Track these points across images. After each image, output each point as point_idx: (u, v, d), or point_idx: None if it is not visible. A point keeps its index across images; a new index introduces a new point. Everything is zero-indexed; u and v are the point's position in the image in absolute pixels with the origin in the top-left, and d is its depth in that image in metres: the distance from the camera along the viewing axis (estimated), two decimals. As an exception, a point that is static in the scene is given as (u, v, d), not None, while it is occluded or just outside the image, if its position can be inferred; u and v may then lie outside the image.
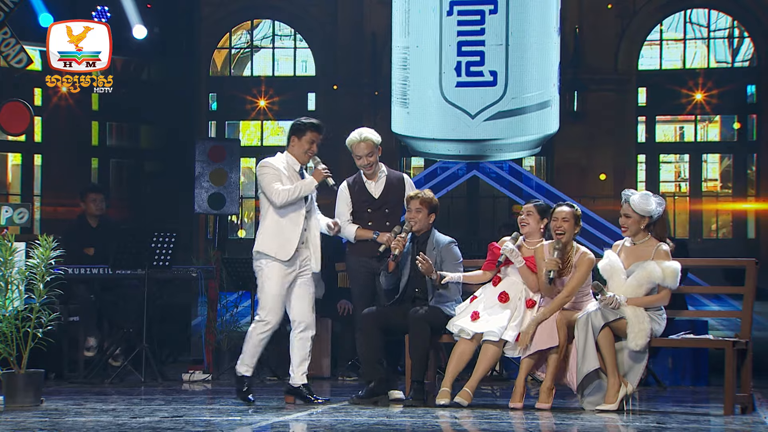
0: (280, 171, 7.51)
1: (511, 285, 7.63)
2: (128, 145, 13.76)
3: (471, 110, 12.86)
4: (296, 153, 7.56)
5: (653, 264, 7.30)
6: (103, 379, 9.55)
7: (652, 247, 7.38)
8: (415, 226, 7.73)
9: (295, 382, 7.64)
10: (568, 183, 13.06)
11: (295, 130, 7.59)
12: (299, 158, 7.57)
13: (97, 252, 10.25)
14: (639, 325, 7.25)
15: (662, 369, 9.74)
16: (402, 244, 7.67)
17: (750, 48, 13.18)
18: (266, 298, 7.50)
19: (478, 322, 7.54)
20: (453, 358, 7.57)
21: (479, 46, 12.94)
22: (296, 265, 7.54)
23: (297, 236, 7.50)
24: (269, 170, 7.50)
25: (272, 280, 7.47)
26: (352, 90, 13.32)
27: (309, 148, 7.56)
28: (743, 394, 7.38)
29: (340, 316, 10.38)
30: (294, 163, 7.58)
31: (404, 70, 12.80)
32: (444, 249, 7.78)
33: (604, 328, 7.25)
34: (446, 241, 7.83)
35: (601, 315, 7.27)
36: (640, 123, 13.42)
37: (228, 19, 13.71)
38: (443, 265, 7.74)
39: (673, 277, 7.28)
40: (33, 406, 7.39)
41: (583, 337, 7.26)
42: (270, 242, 7.50)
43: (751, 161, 13.10)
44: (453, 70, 12.95)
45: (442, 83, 12.86)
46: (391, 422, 6.63)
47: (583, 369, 7.25)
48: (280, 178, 7.48)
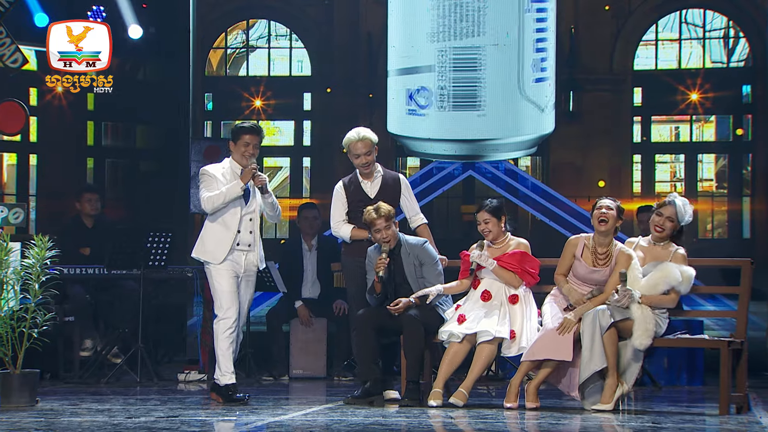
0: (216, 177, 7.70)
1: (492, 284, 7.66)
2: (124, 145, 13.75)
3: (541, 104, 12.96)
4: (236, 157, 7.77)
5: (673, 267, 7.32)
6: (98, 379, 9.54)
7: (669, 249, 7.41)
8: (391, 243, 7.74)
9: (221, 381, 7.74)
10: (563, 183, 13.07)
11: (232, 135, 7.84)
12: (239, 162, 7.77)
13: (92, 252, 10.25)
14: (645, 324, 7.25)
15: (658, 369, 9.74)
16: (384, 266, 7.68)
17: (745, 48, 13.20)
18: (221, 296, 7.65)
19: (465, 323, 7.56)
20: (445, 360, 7.58)
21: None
22: (241, 267, 7.69)
23: (230, 240, 7.66)
24: (204, 177, 7.76)
25: (223, 278, 7.65)
26: (348, 90, 13.33)
27: (245, 151, 7.73)
28: (739, 394, 7.38)
29: (335, 317, 10.38)
30: (236, 168, 7.77)
31: (475, 72, 12.85)
32: (420, 252, 7.80)
33: (611, 328, 7.25)
34: (419, 243, 7.84)
35: (609, 314, 7.26)
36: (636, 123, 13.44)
37: (224, 19, 13.71)
38: (423, 268, 7.76)
39: (688, 282, 7.36)
40: (28, 406, 7.38)
41: (590, 335, 7.23)
42: (200, 247, 7.72)
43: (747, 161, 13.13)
44: (530, 67, 13.00)
45: (522, 79, 12.91)
46: (386, 422, 6.63)
47: (591, 367, 7.23)
48: (214, 185, 7.67)
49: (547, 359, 7.34)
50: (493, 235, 7.70)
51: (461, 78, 12.82)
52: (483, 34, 12.82)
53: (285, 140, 13.53)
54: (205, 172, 7.79)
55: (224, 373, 7.63)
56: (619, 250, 7.46)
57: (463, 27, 12.81)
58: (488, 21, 12.81)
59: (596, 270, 7.48)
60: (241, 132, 7.78)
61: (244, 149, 7.73)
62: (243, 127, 7.84)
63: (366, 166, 7.97)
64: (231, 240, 7.66)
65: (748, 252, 11.90)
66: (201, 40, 13.42)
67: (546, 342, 7.33)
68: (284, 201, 13.06)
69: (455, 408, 7.38)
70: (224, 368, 7.63)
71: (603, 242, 7.51)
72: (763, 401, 8.24)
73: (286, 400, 8.22)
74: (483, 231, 7.71)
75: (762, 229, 12.56)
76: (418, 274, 7.76)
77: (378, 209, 7.72)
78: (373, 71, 13.20)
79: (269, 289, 10.38)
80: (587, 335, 7.24)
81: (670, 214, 7.42)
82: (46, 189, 12.98)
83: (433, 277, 7.77)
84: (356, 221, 7.99)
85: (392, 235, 7.74)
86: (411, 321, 7.60)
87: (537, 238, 11.43)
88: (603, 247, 7.50)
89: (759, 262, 9.82)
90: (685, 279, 7.34)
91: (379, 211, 7.71)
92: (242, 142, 7.74)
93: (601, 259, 7.50)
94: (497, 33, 12.82)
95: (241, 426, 6.54)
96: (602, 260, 7.50)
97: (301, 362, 10.30)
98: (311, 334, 10.35)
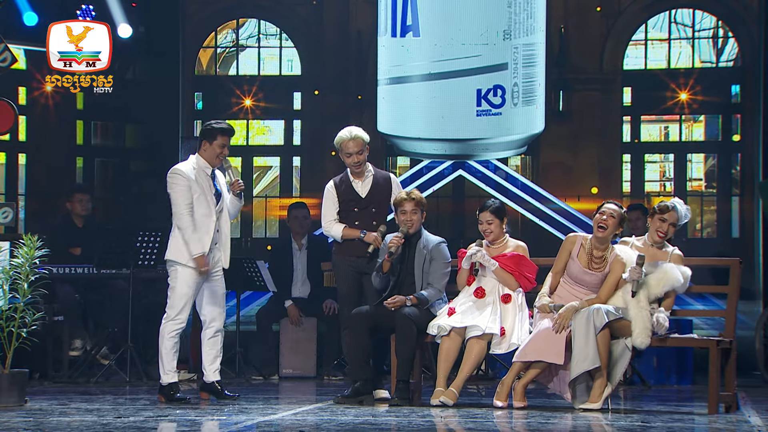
0: (190, 179, 7.64)
1: (486, 281, 7.68)
2: (113, 145, 13.71)
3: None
4: (207, 157, 7.72)
5: (674, 268, 7.36)
6: (88, 378, 9.53)
7: (666, 250, 7.45)
8: (411, 228, 7.77)
9: (209, 379, 7.85)
10: (553, 182, 13.07)
11: (206, 135, 7.75)
12: (211, 162, 7.74)
13: (82, 251, 10.23)
14: (644, 323, 7.28)
15: (647, 368, 9.76)
16: (397, 244, 7.70)
17: (734, 48, 13.21)
18: (179, 298, 7.67)
19: (454, 316, 7.58)
20: (440, 357, 7.60)
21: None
22: (208, 266, 7.68)
23: (208, 242, 7.66)
24: (180, 181, 7.66)
25: (184, 282, 7.66)
26: (338, 89, 13.31)
27: (221, 152, 7.71)
28: (727, 393, 7.40)
29: (325, 316, 10.38)
30: (205, 167, 7.73)
31: (532, 68, 12.88)
32: (434, 249, 7.82)
33: (605, 328, 7.27)
34: (436, 241, 7.87)
35: (603, 314, 7.28)
36: (626, 123, 13.45)
37: (213, 18, 13.67)
38: (432, 264, 7.78)
39: (686, 283, 7.41)
40: (17, 406, 7.36)
41: (584, 334, 7.24)
42: (183, 249, 7.67)
43: (736, 161, 13.15)
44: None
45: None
46: (376, 422, 6.63)
47: (584, 365, 7.23)
48: (190, 189, 7.62)
49: (538, 360, 7.35)
50: (494, 235, 7.72)
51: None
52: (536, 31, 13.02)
53: (275, 140, 13.51)
54: (180, 174, 7.68)
55: (167, 372, 7.69)
56: (615, 257, 7.48)
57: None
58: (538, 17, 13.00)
59: (589, 272, 7.49)
60: (217, 133, 7.72)
61: (220, 151, 7.70)
62: (219, 128, 7.76)
63: (357, 165, 7.97)
64: (209, 243, 7.65)
65: (736, 251, 11.92)
66: (191, 39, 13.39)
67: (538, 343, 7.34)
68: (274, 200, 13.05)
69: (445, 407, 7.38)
70: (167, 368, 7.68)
71: (600, 246, 7.53)
72: (751, 400, 8.26)
73: (275, 400, 8.22)
74: (485, 231, 7.73)
75: (751, 229, 12.58)
76: (426, 269, 7.78)
77: (410, 193, 7.82)
78: (363, 70, 13.19)
79: (259, 288, 10.37)
80: (581, 334, 7.24)
81: (674, 220, 7.49)
82: (35, 188, 12.94)
83: (437, 276, 7.77)
84: (347, 221, 7.99)
85: (416, 222, 7.77)
86: (404, 320, 7.60)
87: (527, 237, 11.43)
88: (599, 251, 7.52)
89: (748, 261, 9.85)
90: (684, 280, 7.40)
91: (411, 195, 7.81)
92: (218, 144, 7.70)
93: (596, 262, 7.51)
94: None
95: (231, 426, 6.54)
96: (597, 264, 7.51)
97: (291, 362, 10.30)
98: (301, 333, 10.34)
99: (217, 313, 7.80)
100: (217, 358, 7.84)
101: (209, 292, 7.79)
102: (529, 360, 7.36)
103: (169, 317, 7.70)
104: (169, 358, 7.68)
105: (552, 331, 7.30)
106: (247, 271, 10.11)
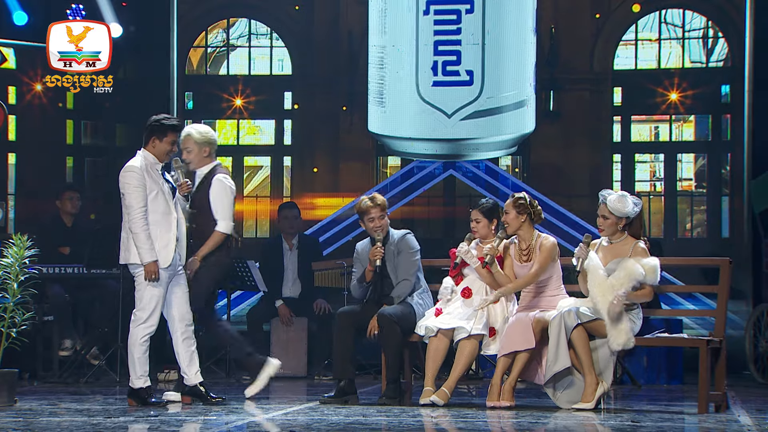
0: (144, 177, 7.50)
1: (473, 281, 7.71)
2: (104, 144, 13.69)
3: (447, 110, 12.92)
4: (157, 153, 7.56)
5: (633, 262, 7.33)
6: (77, 378, 9.51)
7: (629, 245, 7.42)
8: (383, 232, 7.85)
9: (191, 382, 7.63)
10: (544, 182, 13.07)
11: (155, 131, 7.56)
12: (160, 158, 7.59)
13: (71, 251, 10.20)
14: (618, 324, 7.27)
15: (637, 368, 9.78)
16: (381, 255, 7.78)
17: (724, 48, 13.24)
18: (151, 301, 7.46)
19: (440, 317, 7.62)
20: (428, 357, 7.62)
21: (455, 46, 13.03)
22: (172, 266, 7.53)
23: (173, 242, 7.51)
24: (135, 181, 7.52)
25: (158, 285, 7.44)
26: (328, 89, 13.31)
27: (170, 149, 7.59)
28: (717, 393, 7.42)
29: (316, 316, 10.37)
30: (155, 163, 7.58)
31: (381, 69, 12.85)
32: (399, 241, 7.94)
33: (577, 327, 7.28)
34: (401, 233, 8.00)
35: (574, 314, 7.29)
36: (616, 122, 13.47)
37: (204, 17, 13.66)
38: (400, 256, 7.85)
39: (654, 273, 7.34)
40: (7, 406, 7.34)
41: (555, 335, 7.28)
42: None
43: (726, 161, 13.17)
44: (429, 69, 13.00)
45: (419, 82, 12.91)
46: (367, 421, 6.63)
47: (554, 368, 7.29)
48: (145, 190, 7.49)
49: (516, 353, 7.37)
50: (480, 235, 7.79)
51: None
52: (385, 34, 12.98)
53: (266, 139, 13.50)
54: (136, 172, 7.51)
55: (139, 376, 7.48)
56: (540, 243, 7.59)
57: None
58: (389, 21, 12.96)
59: (520, 265, 7.67)
60: (167, 129, 7.54)
61: (170, 148, 7.56)
62: (170, 124, 7.58)
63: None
64: (174, 243, 7.51)
65: (726, 251, 11.94)
66: (181, 38, 13.37)
67: (510, 335, 7.40)
68: (265, 200, 13.03)
69: (436, 407, 7.39)
70: (140, 372, 7.48)
71: (525, 238, 7.63)
72: (741, 400, 8.28)
73: (266, 400, 8.21)
74: (472, 229, 7.80)
75: (741, 229, 12.61)
76: (396, 263, 7.85)
77: (373, 198, 7.88)
78: (354, 69, 13.18)
79: (249, 288, 10.36)
80: (553, 336, 7.29)
81: (603, 212, 7.46)
82: (25, 188, 12.91)
83: (406, 266, 7.83)
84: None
85: (385, 225, 7.86)
86: (384, 320, 7.68)
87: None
88: (525, 243, 7.65)
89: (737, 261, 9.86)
90: (649, 271, 7.32)
91: (375, 200, 7.87)
92: (168, 140, 7.54)
93: (524, 254, 7.66)
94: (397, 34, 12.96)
95: (221, 426, 6.53)
96: (525, 255, 7.67)
97: (282, 361, 10.28)
98: (292, 333, 10.34)
99: (186, 312, 7.59)
100: (195, 359, 7.62)
101: (176, 291, 7.57)
102: (504, 353, 7.40)
103: (140, 320, 7.46)
104: (142, 362, 7.47)
105: (520, 321, 7.36)
106: (238, 270, 10.09)
